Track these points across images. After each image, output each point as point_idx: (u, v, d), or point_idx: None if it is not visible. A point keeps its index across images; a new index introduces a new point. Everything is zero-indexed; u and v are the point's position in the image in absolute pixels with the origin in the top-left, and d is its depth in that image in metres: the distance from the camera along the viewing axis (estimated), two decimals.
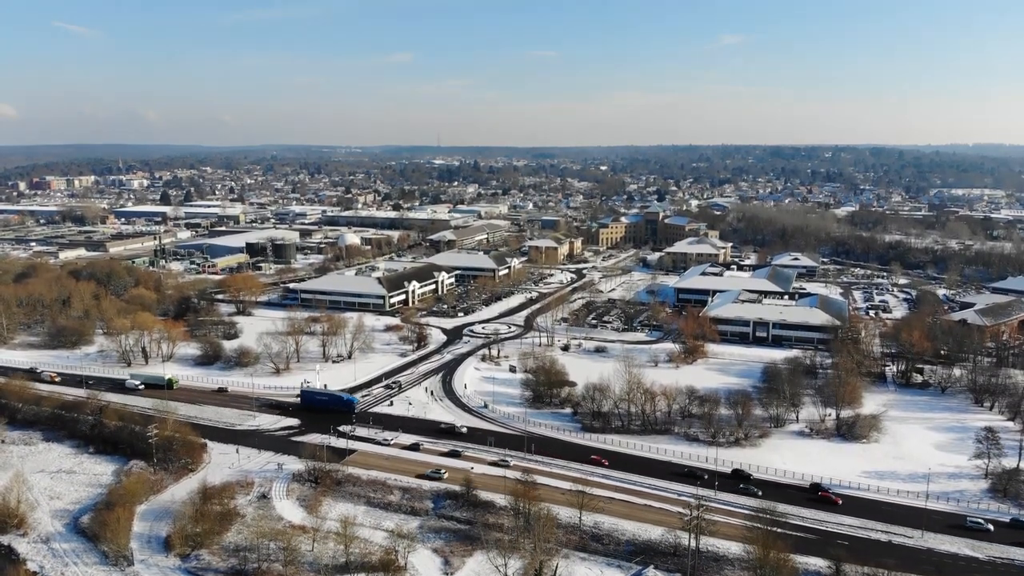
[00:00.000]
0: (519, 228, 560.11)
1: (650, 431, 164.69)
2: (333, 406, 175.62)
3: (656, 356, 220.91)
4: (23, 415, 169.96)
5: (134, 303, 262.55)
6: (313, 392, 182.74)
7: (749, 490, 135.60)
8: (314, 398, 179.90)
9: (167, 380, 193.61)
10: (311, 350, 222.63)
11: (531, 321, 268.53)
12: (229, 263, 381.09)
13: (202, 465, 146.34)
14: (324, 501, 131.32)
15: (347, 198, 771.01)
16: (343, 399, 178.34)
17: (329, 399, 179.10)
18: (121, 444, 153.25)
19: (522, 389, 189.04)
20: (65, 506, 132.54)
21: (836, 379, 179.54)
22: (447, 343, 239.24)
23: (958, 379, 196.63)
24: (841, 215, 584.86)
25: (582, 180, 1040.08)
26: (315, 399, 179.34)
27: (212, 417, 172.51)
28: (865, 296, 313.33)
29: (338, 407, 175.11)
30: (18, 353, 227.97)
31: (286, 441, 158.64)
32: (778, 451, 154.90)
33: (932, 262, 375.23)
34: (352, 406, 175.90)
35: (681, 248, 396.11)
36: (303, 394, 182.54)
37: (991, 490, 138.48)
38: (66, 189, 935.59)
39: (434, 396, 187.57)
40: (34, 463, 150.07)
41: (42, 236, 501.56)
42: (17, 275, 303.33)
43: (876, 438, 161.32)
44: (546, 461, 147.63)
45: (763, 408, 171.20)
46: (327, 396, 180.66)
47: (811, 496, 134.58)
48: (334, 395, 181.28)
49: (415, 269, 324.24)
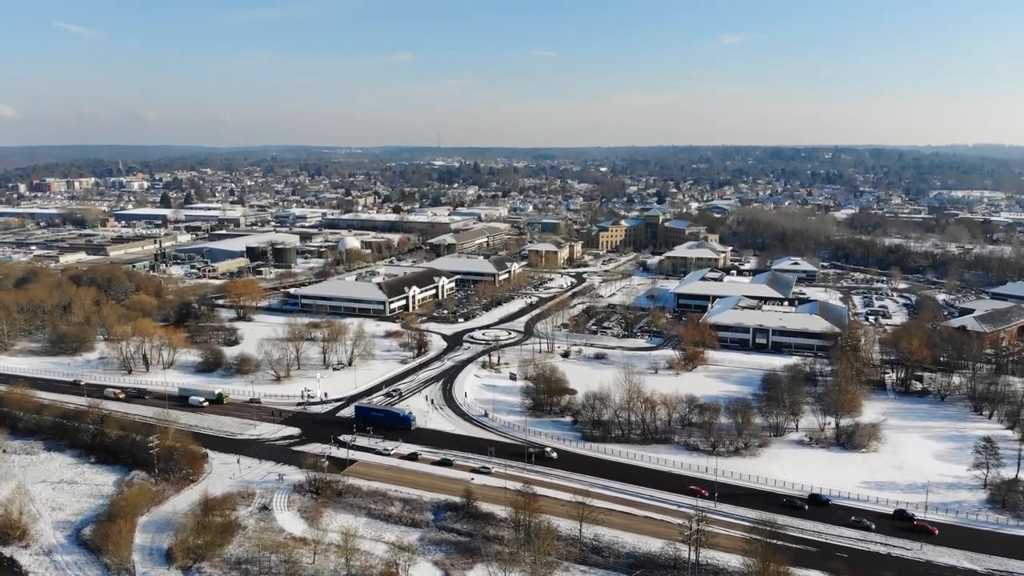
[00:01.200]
0: (519, 231, 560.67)
1: (650, 440, 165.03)
2: (389, 422, 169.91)
3: (656, 363, 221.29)
4: (24, 424, 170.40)
5: (135, 309, 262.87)
6: (368, 408, 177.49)
7: (861, 523, 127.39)
8: (369, 414, 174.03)
9: (217, 394, 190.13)
10: (311, 357, 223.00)
11: (531, 327, 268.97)
12: (230, 267, 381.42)
13: (203, 475, 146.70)
14: (325, 512, 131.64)
15: (347, 200, 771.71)
16: (399, 415, 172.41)
17: (384, 415, 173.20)
18: (122, 454, 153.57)
19: (522, 397, 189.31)
20: (67, 517, 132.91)
21: (836, 387, 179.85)
22: (447, 349, 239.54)
23: (957, 387, 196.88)
24: (841, 218, 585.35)
25: (582, 182, 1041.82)
26: (370, 415, 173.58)
27: (213, 426, 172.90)
28: (865, 301, 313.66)
29: (394, 423, 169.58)
30: (19, 360, 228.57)
31: (287, 451, 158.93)
32: (778, 461, 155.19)
33: (932, 266, 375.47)
34: (409, 423, 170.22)
35: (681, 252, 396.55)
36: (357, 409, 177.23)
37: (990, 501, 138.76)
38: (66, 191, 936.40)
39: (434, 404, 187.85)
40: (36, 473, 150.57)
41: (42, 240, 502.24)
42: (18, 280, 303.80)
43: (875, 447, 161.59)
44: (548, 472, 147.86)
45: (763, 417, 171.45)
46: (382, 412, 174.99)
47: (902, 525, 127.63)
48: (390, 411, 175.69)
49: (415, 274, 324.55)
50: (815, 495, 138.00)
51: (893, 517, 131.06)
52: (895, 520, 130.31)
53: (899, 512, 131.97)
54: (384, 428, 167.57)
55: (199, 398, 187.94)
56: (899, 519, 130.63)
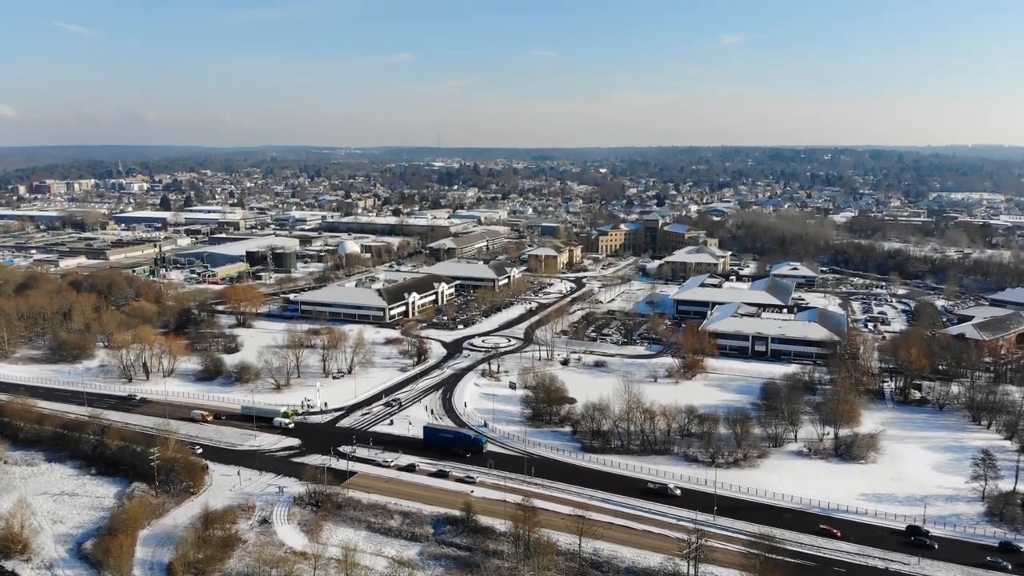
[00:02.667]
0: (519, 234, 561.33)
1: (650, 451, 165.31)
2: (459, 444, 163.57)
3: (655, 371, 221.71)
4: (25, 434, 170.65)
5: (135, 316, 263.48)
6: (437, 429, 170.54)
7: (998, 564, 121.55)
8: (438, 435, 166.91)
9: (283, 413, 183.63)
10: (311, 365, 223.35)
11: (531, 334, 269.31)
12: (229, 272, 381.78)
13: (203, 488, 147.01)
14: (325, 526, 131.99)
15: (347, 203, 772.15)
16: (470, 438, 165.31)
17: (454, 437, 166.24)
18: (123, 465, 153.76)
19: (522, 407, 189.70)
20: (68, 530, 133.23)
21: (834, 397, 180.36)
22: (447, 357, 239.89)
23: (956, 396, 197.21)
24: (840, 221, 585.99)
25: (582, 183, 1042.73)
26: (439, 436, 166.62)
27: (213, 437, 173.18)
28: (864, 307, 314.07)
29: (465, 445, 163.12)
30: (20, 368, 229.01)
31: (287, 462, 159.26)
32: (777, 472, 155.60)
33: (931, 272, 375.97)
34: (480, 445, 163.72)
35: (680, 257, 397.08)
36: (426, 430, 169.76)
37: (987, 514, 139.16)
38: (66, 193, 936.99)
39: (434, 415, 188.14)
40: (37, 484, 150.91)
41: (42, 243, 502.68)
42: (18, 285, 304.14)
43: (874, 458, 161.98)
44: (547, 484, 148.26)
45: (762, 427, 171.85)
46: (452, 434, 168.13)
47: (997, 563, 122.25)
48: (460, 433, 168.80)
49: (415, 280, 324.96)
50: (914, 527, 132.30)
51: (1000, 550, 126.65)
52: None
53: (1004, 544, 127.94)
54: (453, 451, 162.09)
55: (285, 420, 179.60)
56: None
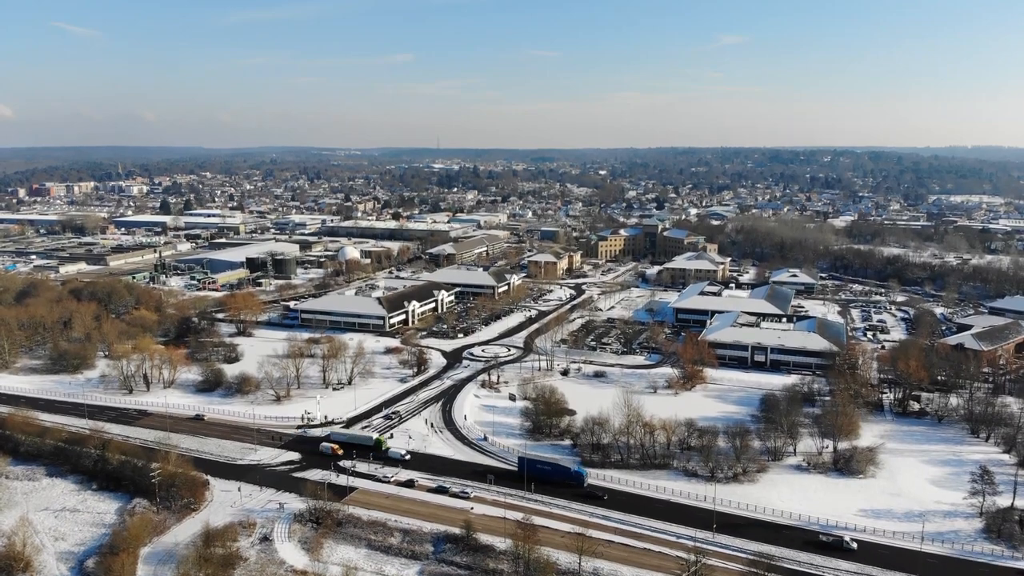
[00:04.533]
0: (518, 239, 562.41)
1: (649, 465, 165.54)
2: (558, 478, 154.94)
3: (655, 382, 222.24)
4: (26, 448, 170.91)
5: (135, 325, 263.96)
6: (534, 461, 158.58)
7: None
8: (535, 467, 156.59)
9: (375, 440, 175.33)
10: (311, 375, 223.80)
11: (530, 343, 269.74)
12: (230, 279, 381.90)
13: (204, 504, 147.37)
14: (325, 543, 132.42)
15: (347, 206, 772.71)
16: (570, 472, 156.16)
17: (552, 469, 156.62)
18: (124, 480, 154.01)
19: (522, 419, 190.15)
20: (70, 548, 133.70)
21: (833, 410, 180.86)
22: (447, 367, 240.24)
23: (955, 409, 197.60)
24: (839, 226, 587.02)
25: (581, 186, 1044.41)
26: (536, 468, 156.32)
27: (214, 451, 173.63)
28: (863, 315, 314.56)
29: (564, 480, 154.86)
30: (20, 378, 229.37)
31: (287, 477, 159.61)
32: (776, 488, 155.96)
33: (930, 278, 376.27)
34: (582, 479, 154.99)
35: (680, 263, 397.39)
36: (521, 461, 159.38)
37: (985, 530, 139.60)
38: (66, 196, 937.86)
39: (434, 428, 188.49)
40: (38, 500, 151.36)
41: (42, 248, 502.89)
42: (18, 293, 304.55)
43: (873, 472, 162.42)
44: (546, 500, 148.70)
45: (761, 440, 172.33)
46: (550, 466, 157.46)
47: None
48: (559, 466, 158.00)
49: (415, 288, 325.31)
50: None
51: None
52: None
53: None
54: (552, 483, 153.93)
55: (400, 451, 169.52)
56: None
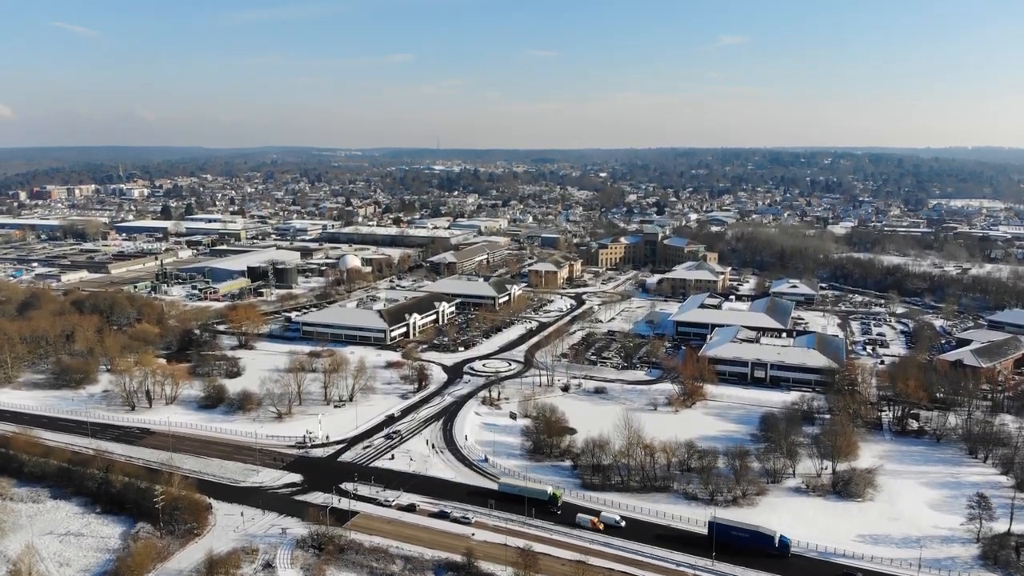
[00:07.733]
0: (519, 245, 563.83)
1: (650, 488, 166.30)
2: (755, 546, 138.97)
3: (655, 399, 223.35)
4: (30, 469, 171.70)
5: (137, 338, 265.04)
6: (728, 527, 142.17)
7: None
8: (729, 533, 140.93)
9: (551, 495, 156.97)
10: (313, 391, 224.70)
11: (531, 357, 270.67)
12: (231, 288, 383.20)
13: (207, 528, 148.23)
14: (327, 571, 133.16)
15: (347, 211, 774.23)
16: (771, 540, 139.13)
17: (750, 537, 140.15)
18: (127, 504, 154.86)
19: (523, 439, 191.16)
20: (75, 574, 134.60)
21: (832, 431, 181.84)
22: (448, 383, 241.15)
23: (953, 428, 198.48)
24: (840, 233, 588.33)
25: (581, 189, 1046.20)
26: (731, 535, 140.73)
27: (216, 472, 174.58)
28: (863, 328, 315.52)
29: (765, 549, 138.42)
30: (23, 393, 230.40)
31: (289, 500, 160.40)
32: (776, 512, 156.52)
33: (930, 289, 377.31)
34: (786, 549, 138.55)
35: (680, 274, 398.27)
36: (712, 527, 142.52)
37: (982, 557, 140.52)
38: (67, 199, 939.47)
39: (435, 448, 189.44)
40: (43, 523, 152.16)
41: (44, 255, 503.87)
42: (20, 304, 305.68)
43: (871, 495, 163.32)
44: (550, 527, 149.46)
45: (760, 462, 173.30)
46: (748, 533, 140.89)
47: None
48: (758, 533, 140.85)
49: (416, 300, 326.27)
50: None
51: None
52: None
53: None
54: (749, 552, 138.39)
55: (587, 516, 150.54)
56: None
